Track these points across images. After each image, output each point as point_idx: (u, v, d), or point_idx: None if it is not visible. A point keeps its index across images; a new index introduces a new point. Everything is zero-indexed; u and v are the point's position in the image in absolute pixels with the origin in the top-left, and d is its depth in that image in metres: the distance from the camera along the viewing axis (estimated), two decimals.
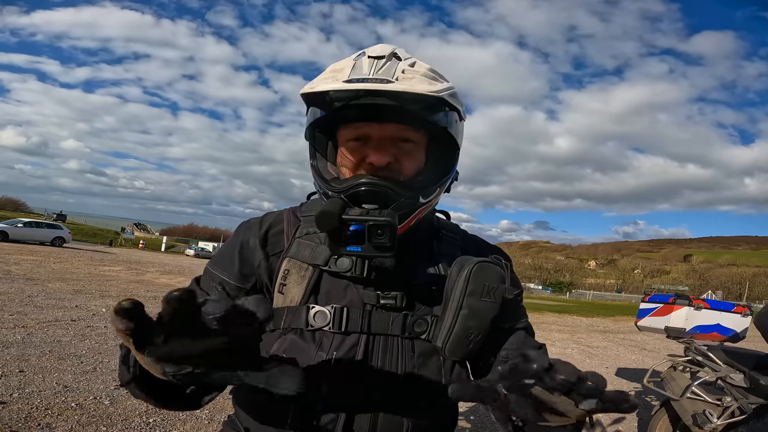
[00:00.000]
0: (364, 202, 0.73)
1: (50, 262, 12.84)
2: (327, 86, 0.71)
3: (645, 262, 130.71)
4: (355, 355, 0.75)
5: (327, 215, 0.68)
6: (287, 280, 0.79)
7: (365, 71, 0.72)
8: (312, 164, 0.82)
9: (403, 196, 0.74)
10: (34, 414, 2.86)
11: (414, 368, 0.78)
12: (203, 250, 37.84)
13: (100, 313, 6.48)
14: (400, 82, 0.70)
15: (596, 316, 16.28)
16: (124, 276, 12.03)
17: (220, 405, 3.48)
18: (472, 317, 0.74)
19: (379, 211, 0.70)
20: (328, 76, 0.74)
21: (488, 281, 0.76)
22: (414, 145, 0.78)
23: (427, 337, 0.78)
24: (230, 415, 0.90)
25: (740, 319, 3.38)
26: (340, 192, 0.75)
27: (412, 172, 0.78)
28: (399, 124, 0.75)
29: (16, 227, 21.91)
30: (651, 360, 7.41)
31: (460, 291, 0.75)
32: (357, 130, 0.77)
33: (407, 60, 0.75)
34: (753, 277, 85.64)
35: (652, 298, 3.69)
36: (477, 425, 3.51)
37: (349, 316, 0.77)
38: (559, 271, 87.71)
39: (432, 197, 0.79)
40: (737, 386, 2.69)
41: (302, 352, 0.75)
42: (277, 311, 0.79)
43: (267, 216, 0.88)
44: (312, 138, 0.82)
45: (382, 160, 0.75)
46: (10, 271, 9.75)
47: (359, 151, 0.77)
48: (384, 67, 0.72)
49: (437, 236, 0.88)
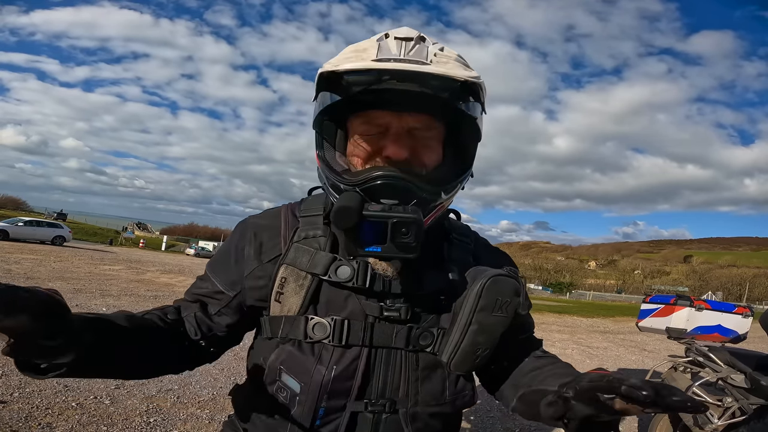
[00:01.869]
0: (383, 197, 0.67)
1: (50, 261, 12.83)
2: (355, 64, 0.63)
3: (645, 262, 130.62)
4: (356, 369, 0.72)
5: (345, 211, 0.62)
6: (284, 289, 0.75)
7: (394, 52, 0.65)
8: (318, 155, 0.75)
9: (425, 191, 0.68)
10: (34, 413, 2.86)
11: (417, 381, 0.75)
12: (203, 249, 37.80)
13: (101, 313, 6.47)
14: (435, 65, 0.63)
15: (596, 317, 16.25)
16: (125, 275, 12.02)
17: (221, 405, 3.48)
18: (481, 333, 0.70)
19: (402, 207, 0.64)
20: (350, 56, 0.67)
21: (501, 296, 0.70)
22: (434, 138, 0.73)
23: (433, 350, 0.74)
24: (230, 415, 0.90)
25: (741, 320, 3.38)
26: (354, 185, 0.68)
27: (431, 167, 0.72)
28: (421, 113, 0.69)
29: (17, 226, 21.87)
30: (651, 361, 7.40)
31: (470, 306, 0.70)
32: (372, 120, 0.71)
33: (436, 44, 0.69)
34: (753, 278, 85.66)
35: (653, 298, 3.68)
36: (477, 425, 3.51)
37: (350, 328, 0.72)
38: (559, 272, 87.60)
39: (452, 194, 0.74)
40: (738, 387, 2.69)
41: (301, 365, 0.73)
42: (274, 320, 0.76)
43: (264, 215, 0.84)
44: (319, 126, 0.75)
45: (401, 154, 0.68)
46: (11, 270, 9.74)
47: (374, 143, 0.71)
48: (415, 48, 0.66)
49: (448, 238, 0.83)
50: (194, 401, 3.50)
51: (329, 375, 0.71)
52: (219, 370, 4.25)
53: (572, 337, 10.13)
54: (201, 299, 0.82)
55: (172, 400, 3.44)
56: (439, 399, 0.76)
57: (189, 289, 0.85)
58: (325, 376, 0.71)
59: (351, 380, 0.72)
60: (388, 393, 0.74)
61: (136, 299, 8.01)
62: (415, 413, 0.74)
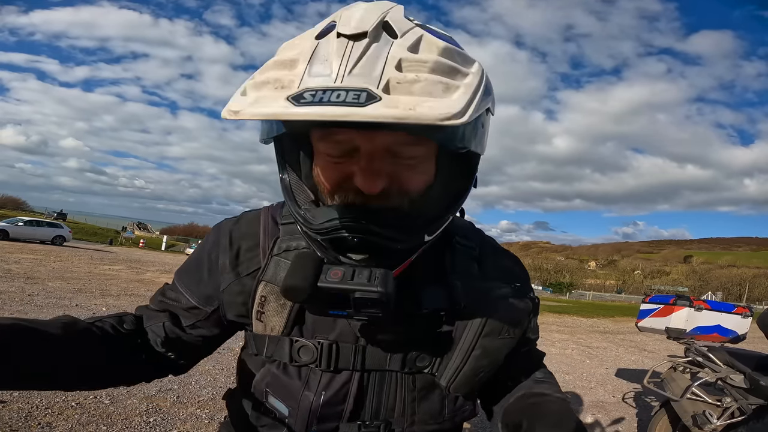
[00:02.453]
0: (349, 251, 0.57)
1: (50, 261, 12.83)
2: (259, 110, 0.43)
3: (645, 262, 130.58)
4: (347, 394, 0.66)
5: (293, 291, 0.54)
6: (265, 308, 0.67)
7: (331, 68, 0.45)
8: (282, 179, 0.63)
9: (401, 241, 0.56)
10: (34, 413, 2.86)
11: (414, 401, 0.69)
12: None
13: (101, 312, 6.47)
14: (391, 95, 0.42)
15: (596, 317, 16.25)
16: (124, 275, 12.01)
17: (220, 405, 3.48)
18: (485, 357, 0.64)
19: (368, 273, 0.53)
20: (268, 78, 0.47)
21: (509, 319, 0.64)
22: (419, 157, 0.57)
23: (430, 371, 0.68)
24: (226, 416, 0.87)
25: (741, 320, 3.38)
26: (317, 233, 0.57)
27: (417, 194, 0.58)
28: (397, 131, 0.53)
29: (17, 226, 21.84)
30: (651, 361, 7.40)
31: (474, 332, 0.63)
32: (337, 142, 0.56)
33: (406, 36, 0.48)
34: (753, 278, 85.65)
35: (653, 299, 3.68)
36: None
37: (339, 352, 0.65)
38: (559, 272, 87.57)
39: (440, 230, 0.61)
40: (737, 387, 2.69)
41: (287, 389, 0.68)
42: (258, 338, 0.70)
43: (241, 222, 0.74)
44: (277, 143, 0.61)
45: (374, 187, 0.54)
46: (11, 269, 9.73)
47: (342, 168, 0.57)
48: (364, 57, 0.45)
49: (450, 244, 0.72)
50: (194, 401, 3.50)
51: (318, 401, 0.66)
52: (219, 370, 4.25)
53: (572, 337, 10.12)
54: (170, 310, 0.74)
55: (172, 399, 3.44)
56: (437, 418, 0.71)
57: (154, 296, 0.77)
58: (313, 402, 0.66)
59: (342, 404, 0.67)
60: (383, 414, 0.68)
61: (135, 299, 8.01)
62: None
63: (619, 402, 4.95)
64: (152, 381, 0.76)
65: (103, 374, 0.67)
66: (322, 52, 0.47)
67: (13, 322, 0.54)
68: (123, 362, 0.69)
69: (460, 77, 0.47)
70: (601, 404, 4.79)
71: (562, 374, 6.06)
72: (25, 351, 0.53)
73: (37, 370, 0.55)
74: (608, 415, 4.39)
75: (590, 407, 4.64)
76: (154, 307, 0.75)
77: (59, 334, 0.58)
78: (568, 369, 6.47)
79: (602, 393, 5.30)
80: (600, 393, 5.29)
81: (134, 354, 0.70)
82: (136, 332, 0.72)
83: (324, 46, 0.47)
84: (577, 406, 4.66)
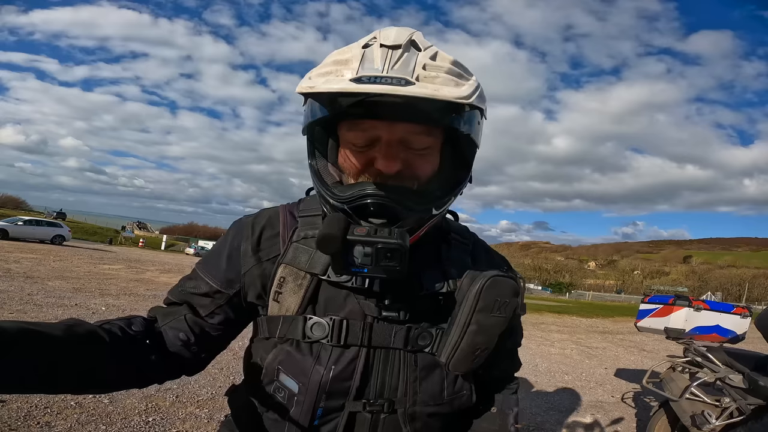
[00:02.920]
0: (371, 216, 0.67)
1: (50, 261, 12.83)
2: (329, 87, 0.59)
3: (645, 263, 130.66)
4: (354, 370, 0.72)
5: (329, 238, 0.62)
6: (283, 288, 0.74)
7: (378, 65, 0.60)
8: (311, 164, 0.74)
9: (415, 210, 0.67)
10: (33, 412, 2.86)
11: (416, 381, 0.74)
12: (203, 249, 37.75)
13: (100, 312, 6.48)
14: (422, 82, 0.59)
15: (595, 317, 16.27)
16: (124, 274, 12.02)
17: (219, 404, 3.49)
18: (480, 333, 0.70)
19: (388, 230, 0.64)
20: (330, 70, 0.62)
21: (500, 296, 0.70)
22: (428, 147, 0.70)
23: (431, 350, 0.74)
24: (227, 415, 0.89)
25: (740, 320, 3.39)
26: (343, 202, 0.67)
27: (426, 179, 0.70)
28: (413, 124, 0.66)
29: (16, 225, 21.84)
30: (650, 361, 7.41)
31: (469, 307, 0.70)
32: (363, 131, 0.68)
33: (428, 50, 0.63)
34: (752, 278, 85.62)
35: (652, 299, 3.69)
36: None
37: (349, 328, 0.72)
38: (559, 272, 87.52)
39: (445, 207, 0.73)
40: (736, 387, 2.69)
41: (298, 365, 0.72)
42: (272, 320, 0.76)
43: (261, 215, 0.82)
44: (310, 134, 0.73)
45: (392, 168, 0.67)
46: (10, 269, 9.74)
47: (365, 154, 0.69)
48: (401, 60, 0.61)
49: (446, 240, 0.82)
50: (193, 400, 3.51)
51: (327, 375, 0.71)
52: (218, 370, 4.25)
53: (571, 337, 10.13)
54: (189, 300, 0.78)
55: (171, 399, 3.45)
56: (437, 399, 0.76)
57: (173, 289, 0.81)
58: (323, 376, 0.71)
59: (349, 380, 0.72)
60: (387, 393, 0.73)
61: (135, 298, 8.01)
62: (413, 413, 0.74)
63: (618, 402, 4.96)
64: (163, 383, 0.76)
65: (112, 377, 0.66)
66: (369, 55, 0.62)
67: (16, 324, 0.53)
68: (132, 364, 0.69)
69: (465, 79, 0.64)
70: (600, 404, 4.80)
71: (561, 374, 6.07)
72: (28, 353, 0.53)
73: (42, 372, 0.55)
74: (607, 415, 4.39)
75: (589, 407, 4.64)
76: (174, 299, 0.80)
77: (63, 336, 0.58)
78: (567, 369, 6.47)
79: (601, 393, 5.31)
80: (599, 393, 5.30)
81: (144, 355, 0.71)
82: (146, 333, 0.72)
83: (370, 52, 0.62)
84: (576, 406, 4.66)
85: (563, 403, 4.74)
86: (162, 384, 0.78)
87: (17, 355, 0.52)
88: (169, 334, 0.75)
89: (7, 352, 0.51)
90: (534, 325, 11.33)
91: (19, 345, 0.52)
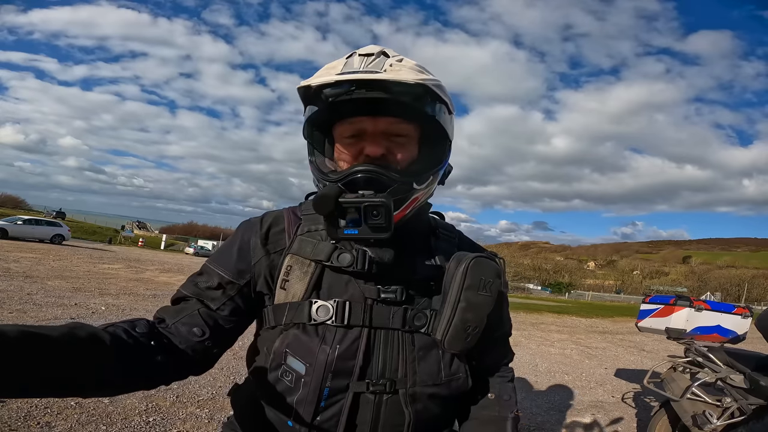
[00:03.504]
0: (360, 188, 0.76)
1: (49, 260, 12.82)
2: (320, 79, 0.74)
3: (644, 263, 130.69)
4: (357, 349, 0.77)
5: (324, 198, 0.73)
6: (290, 276, 0.81)
7: (356, 66, 0.75)
8: (311, 160, 0.85)
9: (398, 181, 0.76)
10: (33, 413, 2.85)
11: (414, 361, 0.80)
12: (203, 248, 37.80)
13: (100, 311, 6.47)
14: (388, 73, 0.73)
15: (595, 317, 16.27)
16: (124, 274, 12.01)
17: (220, 404, 3.48)
18: (469, 310, 0.77)
19: (374, 194, 0.73)
20: (322, 73, 0.77)
21: (485, 275, 0.79)
22: (407, 138, 0.81)
23: (427, 330, 0.80)
24: (229, 416, 0.91)
25: (741, 320, 3.38)
26: (337, 181, 0.77)
27: (406, 163, 0.80)
28: (391, 117, 0.78)
29: (16, 224, 21.84)
30: (650, 361, 7.41)
31: (458, 285, 0.78)
32: (352, 126, 0.80)
33: (395, 57, 0.78)
34: (752, 278, 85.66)
35: (653, 299, 3.69)
36: None
37: (351, 309, 0.78)
38: (559, 272, 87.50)
39: (426, 184, 0.81)
40: (737, 387, 2.69)
41: (305, 346, 0.77)
42: (279, 308, 0.81)
43: (267, 215, 0.89)
44: (310, 136, 0.85)
45: (377, 151, 0.77)
46: (9, 268, 9.73)
47: (355, 146, 0.80)
48: (374, 62, 0.76)
49: (435, 233, 0.91)
50: (193, 400, 3.50)
51: (333, 354, 0.76)
52: (218, 369, 4.25)
53: (571, 337, 10.14)
54: (201, 294, 0.82)
55: (172, 399, 3.44)
56: (435, 379, 0.81)
57: (185, 284, 0.85)
58: (329, 355, 0.76)
59: (353, 360, 0.77)
60: (388, 373, 0.78)
61: (134, 298, 8.01)
62: (414, 393, 0.79)
63: (618, 402, 4.96)
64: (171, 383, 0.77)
65: (116, 379, 0.66)
66: (350, 61, 0.77)
67: (16, 328, 0.53)
68: (136, 366, 0.69)
69: (424, 73, 0.77)
70: (601, 404, 4.80)
71: (561, 374, 6.07)
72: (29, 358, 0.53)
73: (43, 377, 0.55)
74: (607, 415, 4.39)
75: (589, 407, 4.64)
76: (187, 292, 0.83)
77: (64, 340, 0.58)
78: (567, 369, 6.47)
79: (601, 393, 5.31)
80: (599, 393, 5.30)
81: (149, 357, 0.71)
82: (150, 335, 0.73)
83: (351, 59, 0.78)
84: (576, 406, 4.66)
85: (563, 403, 4.74)
86: (168, 385, 0.78)
87: (18, 360, 0.51)
88: (182, 330, 0.77)
89: (8, 357, 0.50)
90: (534, 325, 11.34)
91: (19, 349, 0.51)
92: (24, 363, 0.52)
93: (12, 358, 0.51)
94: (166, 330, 0.77)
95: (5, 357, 0.50)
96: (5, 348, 0.50)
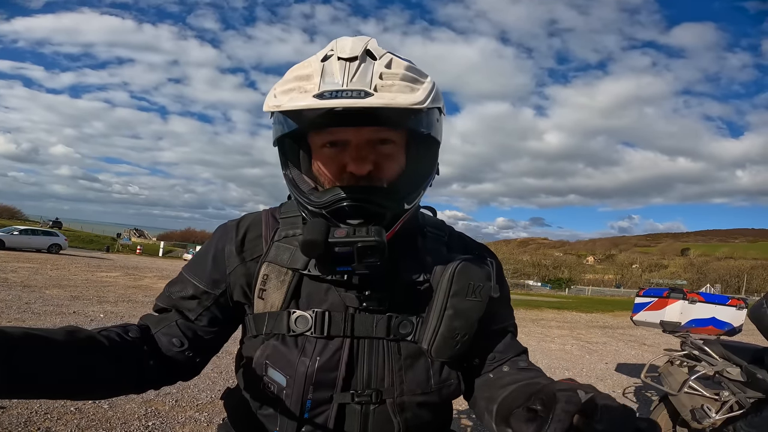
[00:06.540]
0: (348, 218, 0.70)
1: (47, 269, 12.78)
2: (295, 104, 0.63)
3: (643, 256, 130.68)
4: (339, 360, 0.74)
5: (312, 244, 0.66)
6: (267, 285, 0.77)
7: (337, 78, 0.64)
8: (285, 174, 0.77)
9: (388, 207, 0.71)
10: (33, 418, 2.85)
11: (401, 370, 0.76)
12: None
13: (98, 319, 6.46)
14: (380, 93, 0.62)
15: (595, 312, 16.31)
16: (122, 282, 11.99)
17: (219, 408, 3.48)
18: (457, 317, 0.72)
19: (366, 230, 0.67)
20: (293, 86, 0.66)
21: (473, 280, 0.73)
22: (394, 146, 0.74)
23: (413, 338, 0.76)
24: (224, 418, 0.91)
25: (736, 312, 3.39)
26: (320, 207, 0.71)
27: (395, 176, 0.74)
28: (378, 126, 0.70)
29: (12, 235, 21.78)
30: (650, 355, 7.42)
31: (444, 291, 0.73)
32: (332, 136, 0.72)
33: (383, 58, 0.67)
34: (751, 269, 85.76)
35: (647, 292, 3.69)
36: (477, 423, 3.51)
37: (331, 320, 0.74)
38: (558, 268, 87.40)
39: (416, 201, 0.76)
40: (734, 380, 2.68)
41: (285, 358, 0.74)
42: (258, 317, 0.78)
43: (244, 219, 0.85)
44: (281, 146, 0.77)
45: (363, 169, 0.70)
46: (7, 278, 9.69)
47: (336, 159, 0.72)
48: (358, 71, 0.64)
49: (422, 233, 0.85)
50: (193, 404, 3.50)
51: (313, 366, 0.73)
52: (217, 373, 4.25)
53: (572, 332, 10.16)
54: (177, 305, 0.80)
55: (171, 403, 3.44)
56: (424, 387, 0.77)
57: (161, 296, 0.83)
58: (309, 367, 0.73)
59: (335, 371, 0.74)
60: (374, 383, 0.75)
61: (133, 305, 7.98)
62: (402, 403, 0.75)
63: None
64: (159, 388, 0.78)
65: (112, 382, 0.68)
66: (328, 69, 0.65)
67: (19, 329, 0.55)
68: (131, 369, 0.70)
69: (419, 83, 0.68)
70: None
71: (562, 370, 6.08)
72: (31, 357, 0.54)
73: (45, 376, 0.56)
74: None
75: None
76: (162, 304, 0.81)
77: (65, 341, 0.60)
78: (567, 365, 6.49)
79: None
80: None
81: (142, 360, 0.72)
82: (142, 339, 0.74)
83: (329, 66, 0.65)
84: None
85: None
86: (160, 389, 0.79)
87: (21, 360, 0.53)
88: (162, 341, 0.77)
89: (11, 356, 0.52)
90: (534, 322, 11.35)
91: (22, 349, 0.53)
92: (26, 362, 0.54)
93: (14, 358, 0.52)
94: (153, 336, 0.77)
95: (8, 356, 0.52)
96: (8, 347, 0.52)
